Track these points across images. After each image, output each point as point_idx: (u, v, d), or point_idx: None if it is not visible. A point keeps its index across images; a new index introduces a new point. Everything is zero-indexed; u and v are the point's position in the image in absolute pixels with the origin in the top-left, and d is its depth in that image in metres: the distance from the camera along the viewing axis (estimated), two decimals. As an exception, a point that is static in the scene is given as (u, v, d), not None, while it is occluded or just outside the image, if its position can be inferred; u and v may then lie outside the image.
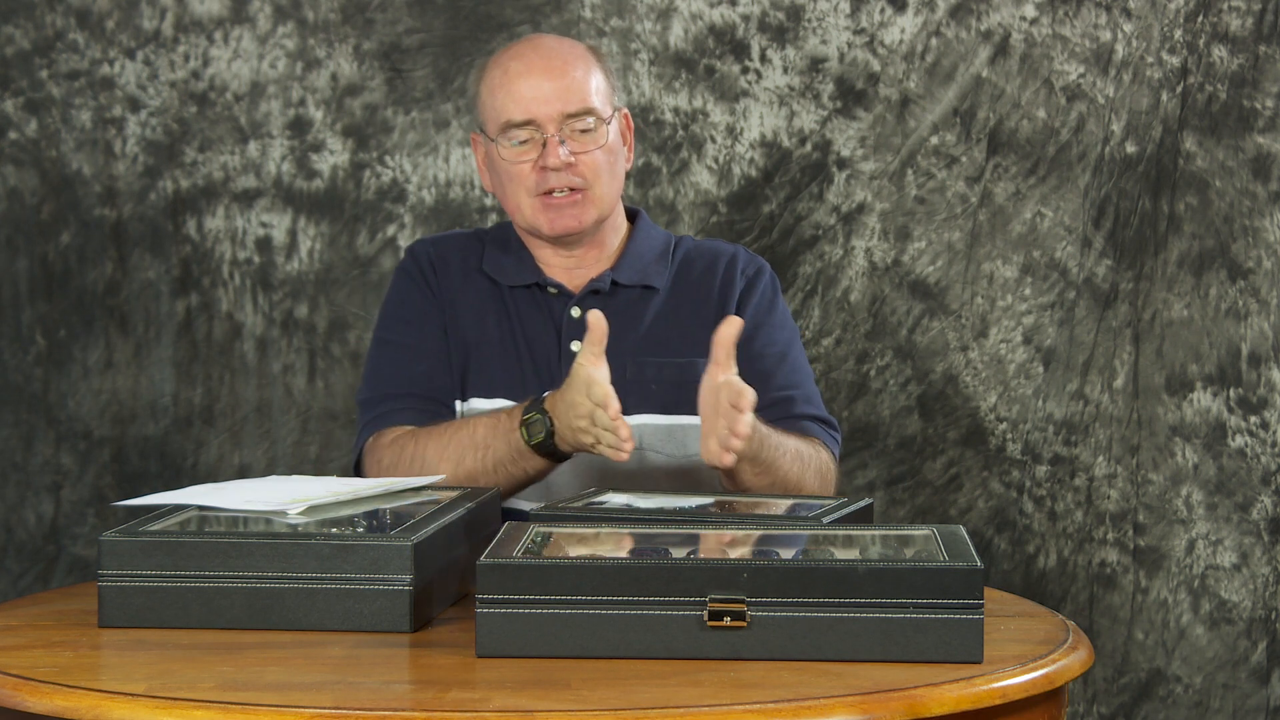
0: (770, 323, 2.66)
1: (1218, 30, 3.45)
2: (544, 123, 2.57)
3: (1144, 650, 3.49)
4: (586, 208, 2.60)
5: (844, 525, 2.14)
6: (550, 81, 2.59)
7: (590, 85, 2.60)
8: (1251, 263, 3.46)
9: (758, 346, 2.62)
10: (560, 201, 2.58)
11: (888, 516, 3.48)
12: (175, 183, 3.47)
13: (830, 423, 2.64)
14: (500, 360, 2.61)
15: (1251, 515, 3.47)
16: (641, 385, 2.59)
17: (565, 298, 2.64)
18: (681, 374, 2.60)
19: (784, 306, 2.71)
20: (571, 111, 2.58)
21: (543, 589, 1.81)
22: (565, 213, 2.59)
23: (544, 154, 2.57)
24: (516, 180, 2.59)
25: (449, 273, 2.67)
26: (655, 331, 2.63)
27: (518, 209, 2.61)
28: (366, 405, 2.63)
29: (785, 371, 2.64)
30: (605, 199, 2.61)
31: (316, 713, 1.62)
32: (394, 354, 2.64)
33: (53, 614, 2.06)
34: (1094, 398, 3.48)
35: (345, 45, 3.47)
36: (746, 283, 2.67)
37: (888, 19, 3.46)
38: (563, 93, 2.58)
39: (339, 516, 2.13)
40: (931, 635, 1.79)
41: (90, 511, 3.48)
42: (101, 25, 3.46)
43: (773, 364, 2.63)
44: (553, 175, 2.57)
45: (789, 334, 2.68)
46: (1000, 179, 3.47)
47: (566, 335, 2.61)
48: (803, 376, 2.66)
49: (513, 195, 2.61)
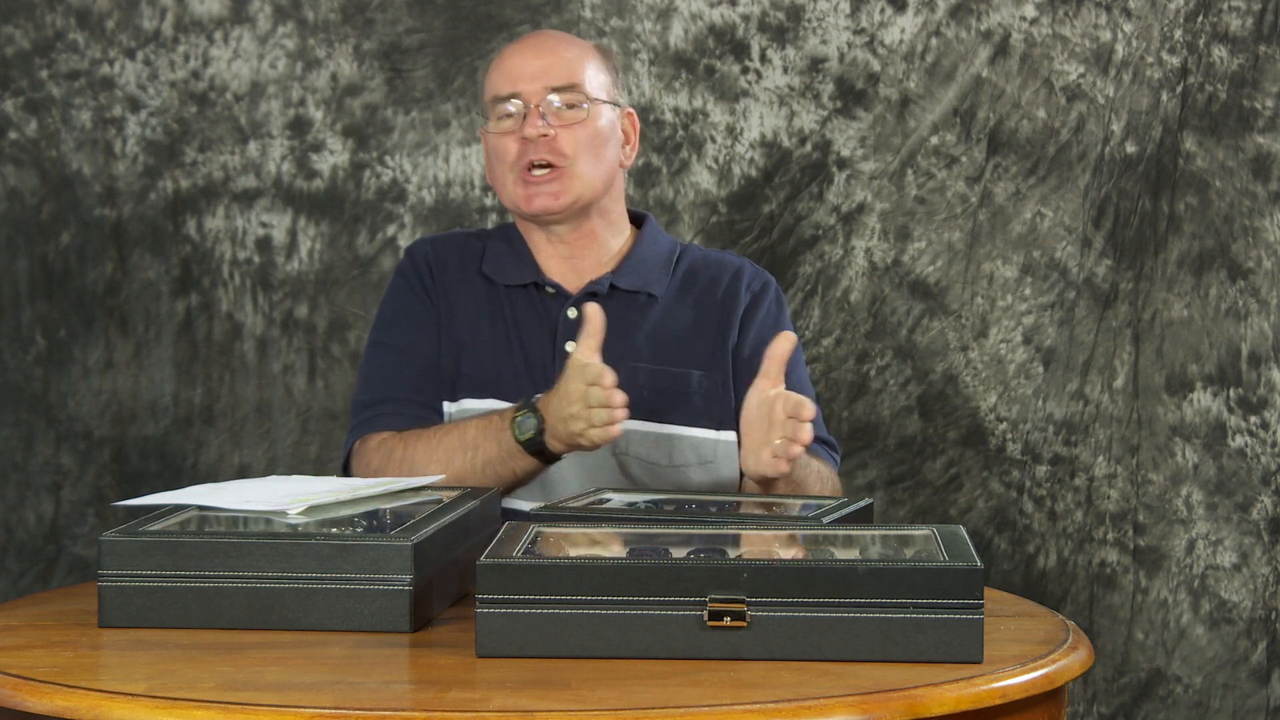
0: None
1: (1218, 30, 3.45)
2: (527, 95, 2.58)
3: (1144, 650, 3.49)
4: (565, 184, 2.59)
5: (844, 525, 2.14)
6: (539, 58, 2.61)
7: (582, 66, 2.61)
8: (1251, 263, 3.46)
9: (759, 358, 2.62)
10: (538, 179, 2.59)
11: (888, 516, 3.48)
12: (175, 183, 3.47)
13: (833, 444, 2.67)
14: (493, 360, 2.61)
15: (1251, 515, 3.47)
16: (633, 391, 2.58)
17: (562, 298, 2.63)
18: (675, 384, 2.60)
19: (788, 322, 2.70)
20: (556, 85, 2.59)
21: (543, 589, 1.81)
22: (542, 189, 2.59)
23: (524, 125, 2.58)
24: (501, 156, 2.61)
25: (446, 273, 2.67)
26: (652, 339, 2.62)
27: (502, 186, 2.63)
28: (357, 408, 2.65)
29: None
30: (586, 180, 2.60)
31: (316, 713, 1.62)
32: (385, 356, 2.65)
33: (53, 614, 2.06)
34: (1094, 398, 3.48)
35: (345, 45, 3.47)
36: (752, 298, 2.67)
37: (888, 19, 3.46)
38: (549, 67, 2.60)
39: (339, 516, 2.13)
40: (931, 635, 1.79)
41: (90, 511, 3.48)
42: (101, 25, 3.46)
43: None
44: (531, 147, 2.57)
45: (796, 352, 2.68)
46: (1000, 179, 3.47)
47: (562, 335, 2.61)
48: (809, 397, 2.66)
49: (499, 173, 2.62)
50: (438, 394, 2.62)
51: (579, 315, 2.60)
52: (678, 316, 2.65)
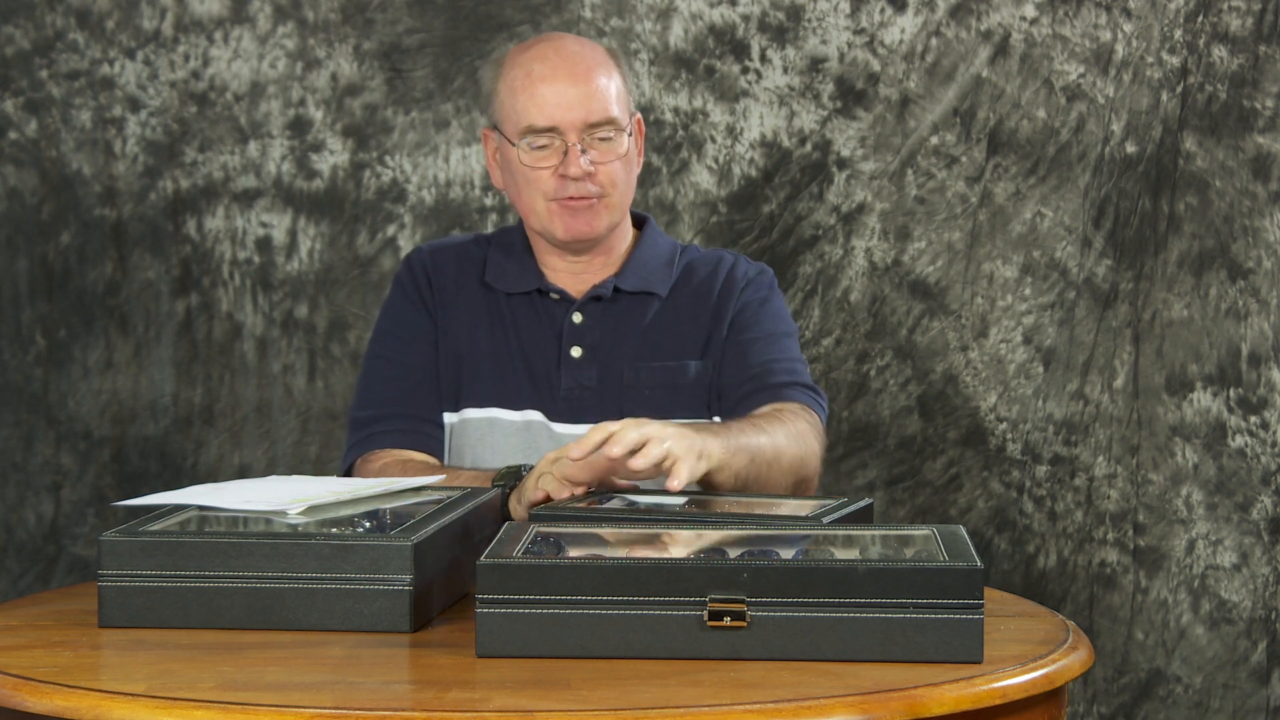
0: (763, 313, 2.65)
1: (1218, 30, 3.45)
2: (566, 131, 2.56)
3: (1144, 650, 3.49)
4: (601, 214, 2.59)
5: (844, 525, 2.14)
6: (575, 88, 2.57)
7: (612, 93, 2.59)
8: (1251, 263, 3.46)
9: (746, 335, 2.62)
10: (576, 205, 2.58)
11: (888, 516, 3.48)
12: (175, 183, 3.47)
13: (813, 388, 2.62)
14: (494, 369, 2.61)
15: (1251, 515, 3.47)
16: (636, 390, 2.59)
17: (567, 303, 2.63)
18: (672, 376, 2.61)
19: (780, 303, 2.70)
20: (594, 121, 2.57)
21: (543, 589, 1.81)
22: (580, 217, 2.58)
23: (565, 162, 2.56)
24: (534, 184, 2.59)
25: (444, 283, 2.66)
26: (650, 336, 2.63)
27: (532, 211, 2.60)
28: (354, 425, 2.65)
29: (764, 348, 2.63)
30: (620, 207, 2.62)
31: (316, 713, 1.62)
32: (382, 370, 2.65)
33: (53, 614, 2.06)
34: (1094, 398, 3.48)
35: (345, 45, 3.47)
36: (745, 283, 2.67)
37: (888, 19, 3.46)
38: (586, 100, 2.56)
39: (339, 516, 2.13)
40: (931, 635, 1.79)
41: (90, 511, 3.48)
42: (101, 25, 3.46)
43: (761, 347, 2.62)
44: (572, 184, 2.57)
45: (781, 325, 2.67)
46: (1000, 179, 3.47)
47: (567, 341, 2.61)
48: (786, 352, 2.64)
49: (528, 198, 2.60)
50: (437, 406, 2.62)
51: (583, 321, 2.61)
52: (676, 312, 2.65)
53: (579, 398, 2.59)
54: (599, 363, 2.60)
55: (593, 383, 2.59)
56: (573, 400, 2.59)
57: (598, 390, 2.59)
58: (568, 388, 2.59)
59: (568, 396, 2.59)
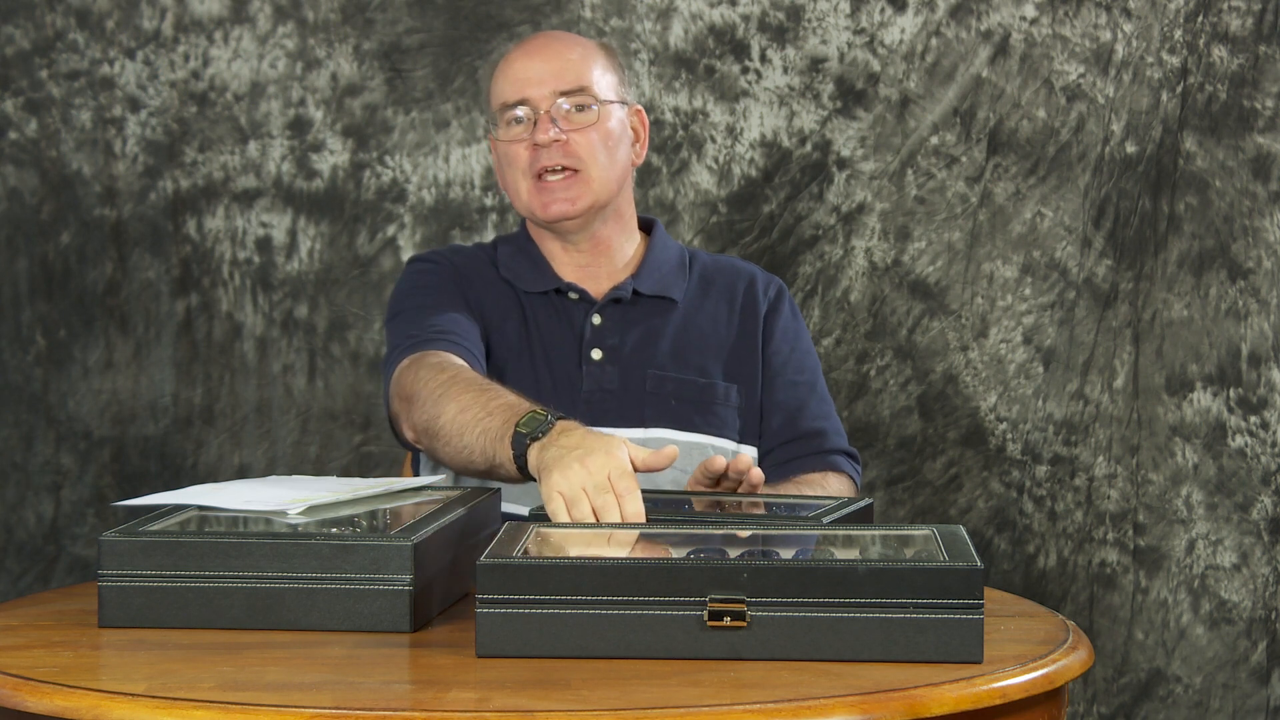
0: (800, 348, 2.69)
1: (1218, 30, 3.45)
2: (536, 101, 2.57)
3: (1144, 650, 3.49)
4: (581, 189, 2.58)
5: (844, 525, 2.14)
6: (546, 63, 2.59)
7: (589, 68, 2.59)
8: (1251, 263, 3.46)
9: (790, 375, 2.65)
10: (553, 184, 2.57)
11: (888, 516, 3.48)
12: (175, 183, 3.47)
13: (854, 455, 2.68)
14: (516, 367, 2.59)
15: (1251, 515, 3.47)
16: (660, 399, 2.58)
17: (587, 304, 2.63)
18: (701, 394, 2.60)
19: (805, 328, 2.73)
20: (565, 89, 2.57)
21: (543, 589, 1.81)
22: (558, 195, 2.57)
23: (535, 131, 2.57)
24: (512, 163, 2.59)
25: (471, 275, 2.65)
26: (675, 346, 2.62)
27: (516, 194, 2.61)
28: (401, 346, 2.49)
29: (816, 402, 2.67)
30: (601, 182, 2.59)
31: (316, 713, 1.62)
32: (417, 313, 2.55)
33: (53, 614, 2.06)
34: (1094, 398, 3.48)
35: (345, 45, 3.47)
36: (769, 305, 2.68)
37: (888, 19, 3.46)
38: (557, 72, 2.58)
39: (339, 516, 2.13)
40: (931, 635, 1.79)
41: (90, 511, 3.48)
42: (101, 25, 3.46)
43: (805, 394, 2.66)
44: (544, 153, 2.56)
45: (814, 360, 2.72)
46: (1000, 179, 3.47)
47: (588, 342, 2.60)
48: (830, 406, 2.70)
49: (512, 180, 2.60)
50: (482, 349, 2.53)
51: (603, 322, 2.60)
52: (699, 323, 2.65)
53: (600, 400, 2.57)
54: (620, 367, 2.59)
55: (614, 386, 2.58)
56: (593, 403, 2.57)
57: (619, 394, 2.58)
58: (589, 390, 2.58)
59: (589, 399, 2.58)
